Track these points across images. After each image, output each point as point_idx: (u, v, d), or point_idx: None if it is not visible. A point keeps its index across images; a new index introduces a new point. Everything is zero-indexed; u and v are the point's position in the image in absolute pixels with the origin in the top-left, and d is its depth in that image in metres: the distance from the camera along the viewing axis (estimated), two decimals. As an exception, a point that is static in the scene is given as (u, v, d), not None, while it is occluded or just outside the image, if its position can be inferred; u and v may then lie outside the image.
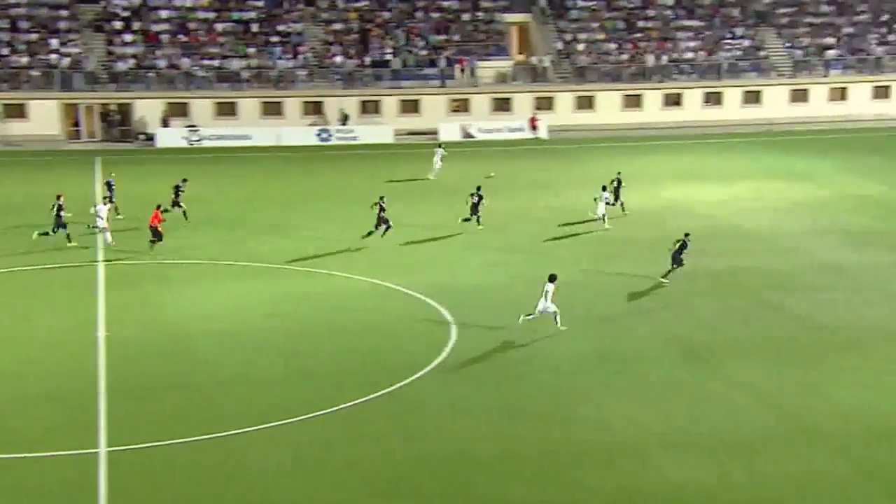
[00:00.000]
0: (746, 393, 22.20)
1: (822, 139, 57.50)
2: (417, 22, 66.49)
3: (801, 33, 68.08)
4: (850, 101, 64.91)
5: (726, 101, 64.32)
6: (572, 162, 50.21)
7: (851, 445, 19.67)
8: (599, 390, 22.52)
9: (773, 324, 26.66)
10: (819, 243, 34.66)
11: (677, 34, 67.41)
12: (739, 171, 48.16)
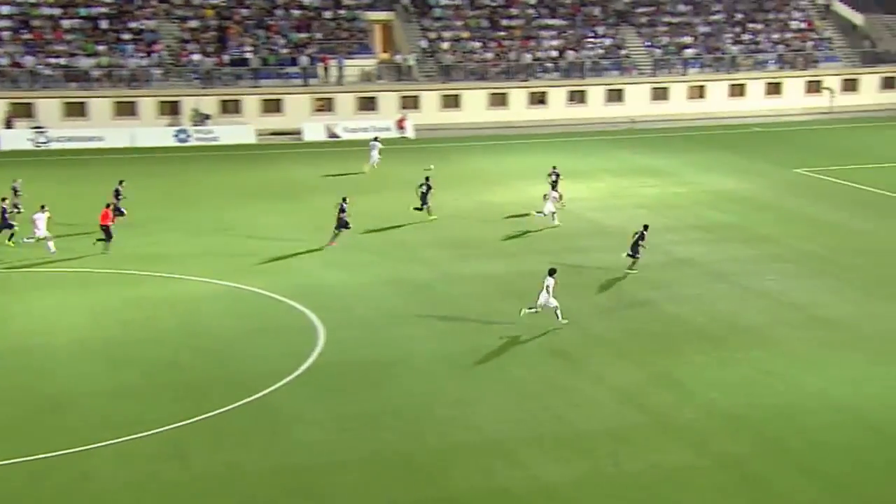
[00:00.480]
0: (612, 388, 22.75)
1: (682, 136, 59.51)
2: (278, 19, 65.73)
3: (660, 32, 70.34)
4: (708, 99, 67.43)
5: (590, 100, 65.90)
6: (440, 161, 50.49)
7: (711, 437, 20.38)
8: (468, 391, 22.70)
9: (636, 319, 27.41)
10: (678, 239, 35.82)
11: (540, 33, 68.67)
12: (602, 168, 49.37)
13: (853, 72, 69.65)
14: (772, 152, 52.67)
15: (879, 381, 22.95)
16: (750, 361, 24.26)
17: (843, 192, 43.06)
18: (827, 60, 70.05)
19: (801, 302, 28.63)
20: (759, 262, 32.87)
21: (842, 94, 68.57)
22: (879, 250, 34.16)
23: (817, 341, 25.58)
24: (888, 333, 26.08)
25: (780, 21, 72.65)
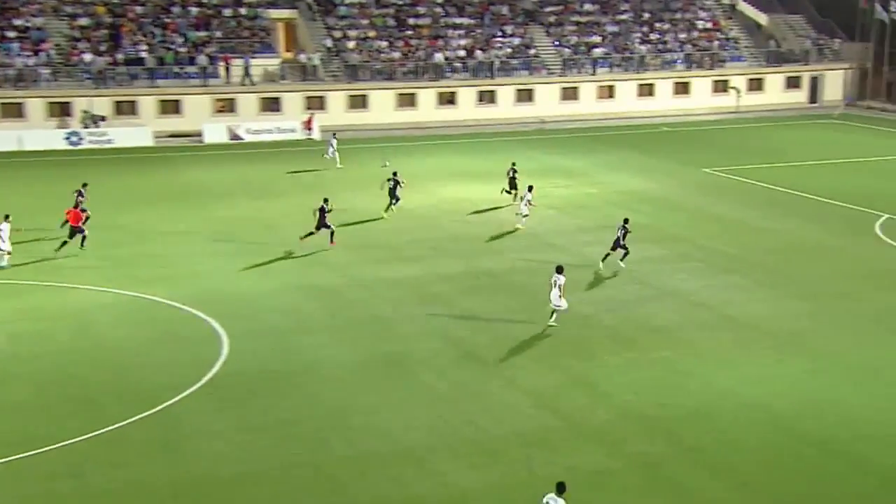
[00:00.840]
0: (525, 392, 22.91)
1: (592, 136, 60.37)
2: (175, 17, 64.63)
3: (568, 32, 71.27)
4: (617, 99, 68.55)
5: (499, 100, 66.40)
6: (347, 163, 50.25)
7: (625, 439, 20.67)
8: (378, 398, 22.61)
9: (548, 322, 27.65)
10: (590, 240, 36.28)
11: (448, 32, 68.95)
12: (505, 169, 49.71)
13: (758, 71, 71.61)
14: (681, 152, 53.79)
15: (788, 379, 23.58)
16: (663, 362, 24.69)
17: (751, 191, 44.21)
18: (733, 60, 71.90)
19: (712, 301, 29.26)
20: (670, 262, 33.48)
21: (748, 94, 70.46)
22: (787, 248, 35.15)
23: (728, 340, 26.17)
24: (797, 331, 26.81)
25: (686, 20, 74.29)
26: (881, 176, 47.67)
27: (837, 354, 25.10)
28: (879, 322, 27.45)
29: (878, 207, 40.13)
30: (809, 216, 39.61)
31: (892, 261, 33.34)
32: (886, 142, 57.16)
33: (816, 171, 48.98)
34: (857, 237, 36.21)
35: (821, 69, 72.78)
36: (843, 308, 28.68)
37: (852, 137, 59.50)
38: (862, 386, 23.07)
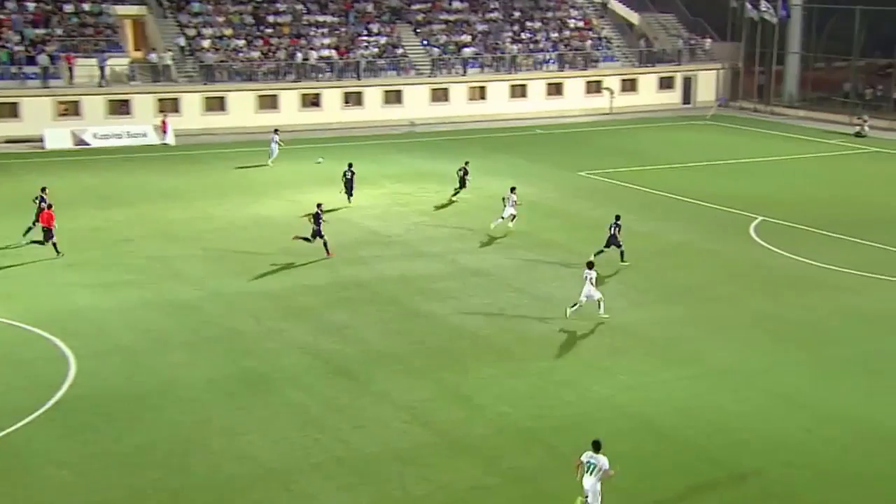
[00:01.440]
0: (397, 407, 22.92)
1: (464, 139, 60.94)
2: (9, 13, 62.43)
3: (437, 31, 71.82)
4: (489, 101, 69.39)
5: (366, 101, 66.40)
6: (204, 169, 49.42)
7: (502, 453, 20.90)
8: (241, 418, 22.28)
9: (421, 333, 27.77)
10: (463, 247, 36.61)
11: (311, 31, 68.61)
12: (382, 173, 49.80)
13: (631, 72, 73.57)
14: (555, 155, 54.77)
15: (665, 386, 24.24)
16: (539, 372, 25.06)
17: (627, 195, 45.33)
18: (606, 60, 73.67)
19: (588, 309, 29.85)
20: (546, 268, 34.02)
21: (621, 95, 72.31)
22: (663, 252, 36.16)
23: (605, 348, 26.75)
24: (674, 337, 27.60)
25: (558, 19, 75.79)
26: (755, 178, 49.53)
27: (714, 360, 25.93)
28: (755, 326, 28.49)
29: (753, 209, 41.68)
30: (685, 219, 40.83)
31: (766, 263, 34.65)
32: (759, 143, 59.46)
33: (691, 174, 50.57)
34: (732, 240, 37.52)
35: (693, 69, 75.25)
36: (720, 312, 29.66)
37: (726, 139, 61.70)
38: (738, 391, 23.88)
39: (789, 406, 23.10)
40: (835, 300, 30.58)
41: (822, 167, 52.53)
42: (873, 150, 56.78)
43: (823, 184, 47.87)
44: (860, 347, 26.74)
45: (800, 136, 62.18)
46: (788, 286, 31.97)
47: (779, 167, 51.89)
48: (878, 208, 42.12)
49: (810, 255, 34.99)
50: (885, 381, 24.51)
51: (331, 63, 66.47)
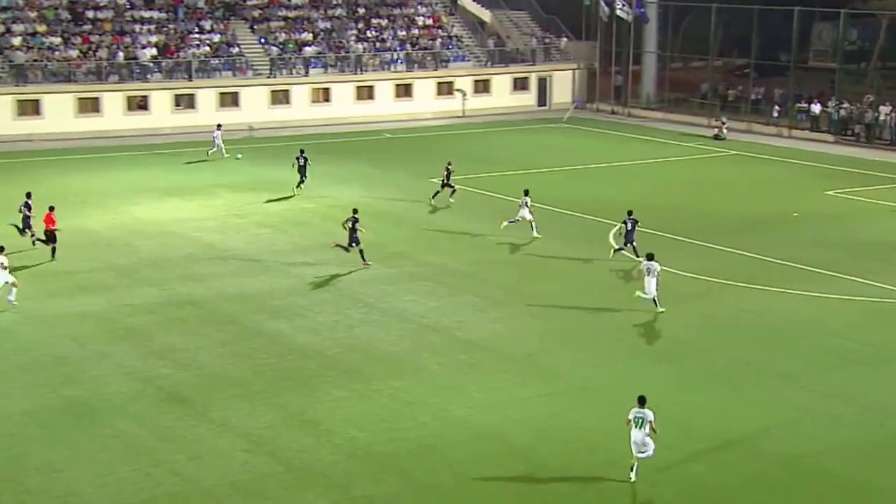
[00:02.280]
0: (238, 435, 22.69)
1: (308, 144, 60.67)
2: None
3: (275, 28, 71.38)
4: (334, 103, 69.29)
5: (200, 104, 65.45)
6: (16, 179, 47.81)
7: (353, 481, 20.90)
8: (62, 452, 21.68)
9: (264, 354, 27.56)
10: (309, 260, 36.46)
11: (135, 27, 67.24)
12: (217, 182, 49.17)
13: (484, 72, 74.63)
14: (405, 160, 55.09)
15: (524, 404, 24.67)
16: (391, 392, 25.17)
17: (481, 202, 45.94)
18: (457, 60, 74.55)
19: (444, 323, 30.15)
20: (397, 281, 34.20)
21: (474, 97, 73.26)
22: (521, 263, 36.80)
23: (461, 365, 27.05)
24: (532, 352, 28.12)
25: (405, 17, 76.34)
26: (613, 182, 50.91)
27: (574, 375, 26.53)
28: (615, 339, 29.27)
29: (612, 216, 42.77)
30: (542, 227, 41.60)
31: (626, 273, 35.61)
32: (618, 146, 61.13)
33: (548, 179, 51.61)
34: (592, 249, 38.44)
35: (549, 70, 76.85)
36: (579, 325, 30.36)
37: (583, 142, 63.22)
38: (599, 408, 24.49)
39: (652, 420, 23.82)
40: (695, 309, 31.67)
41: (682, 171, 54.36)
42: (732, 153, 59.09)
43: (683, 188, 49.53)
44: (721, 358, 27.78)
45: (659, 138, 64.22)
46: (648, 295, 32.96)
47: (637, 171, 53.47)
48: (737, 213, 43.83)
49: (670, 263, 36.10)
50: (747, 392, 25.52)
51: (159, 63, 65.25)
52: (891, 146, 59.58)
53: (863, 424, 23.68)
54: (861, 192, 47.58)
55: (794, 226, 40.68)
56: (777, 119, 66.14)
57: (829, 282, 34.12)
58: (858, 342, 28.64)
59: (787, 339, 29.10)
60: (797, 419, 23.88)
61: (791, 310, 31.60)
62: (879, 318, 30.66)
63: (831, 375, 26.17)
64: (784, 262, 36.33)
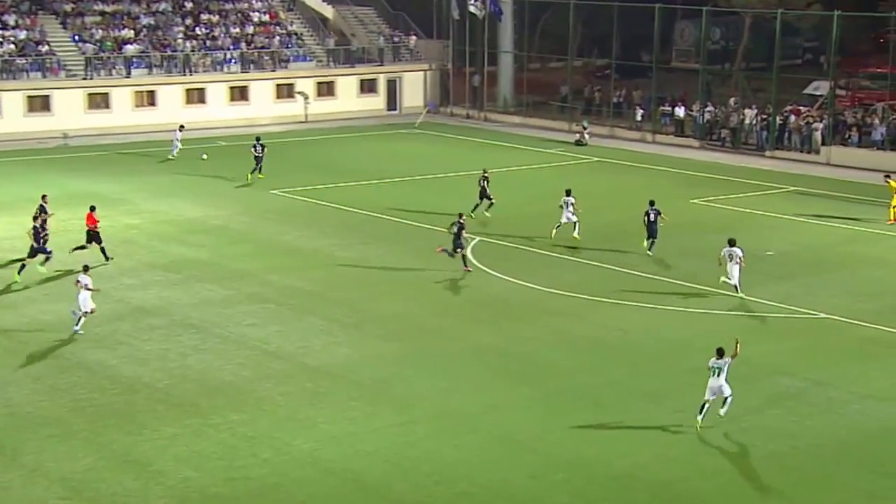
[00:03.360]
0: (54, 480, 22.16)
1: (131, 154, 59.58)
2: None
3: (91, 24, 69.90)
4: (160, 108, 68.21)
5: (4, 110, 63.76)
6: None
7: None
8: None
9: (84, 388, 26.94)
10: (135, 282, 35.82)
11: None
12: (28, 197, 47.80)
13: (328, 73, 74.58)
14: (243, 170, 54.53)
15: (376, 435, 24.63)
16: (229, 427, 24.87)
17: (327, 215, 45.82)
18: (297, 60, 74.29)
19: (287, 349, 29.95)
20: (236, 304, 33.88)
21: (317, 100, 73.09)
22: (371, 281, 36.81)
23: (307, 394, 26.91)
24: (384, 378, 28.14)
25: (238, 12, 75.73)
26: (470, 192, 51.30)
27: (430, 402, 26.64)
28: (474, 361, 29.50)
29: (469, 229, 43.15)
30: (394, 241, 41.76)
31: (486, 289, 36.00)
32: (474, 153, 61.71)
33: (399, 189, 51.82)
34: (447, 264, 38.68)
35: (398, 71, 77.27)
36: (435, 347, 30.52)
37: (437, 149, 63.70)
38: (458, 437, 24.65)
39: (514, 449, 24.07)
40: (558, 327, 32.19)
41: (542, 179, 55.21)
42: (595, 160, 60.34)
43: (543, 198, 50.18)
44: (586, 379, 28.28)
45: (517, 145, 65.15)
46: (509, 314, 33.37)
47: (495, 180, 53.99)
48: (600, 224, 44.70)
49: (531, 279, 36.69)
50: (613, 414, 26.02)
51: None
52: (757, 151, 61.71)
53: (734, 446, 24.39)
54: (728, 199, 49.14)
55: (659, 236, 41.67)
56: (640, 123, 67.83)
57: (697, 295, 35.12)
58: (729, 359, 29.52)
59: (653, 358, 29.82)
60: (665, 442, 24.46)
61: (658, 326, 32.41)
62: (750, 333, 31.63)
63: (699, 395, 26.87)
64: (650, 276, 37.26)
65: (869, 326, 32.19)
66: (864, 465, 23.44)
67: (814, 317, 33.13)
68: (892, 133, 57.54)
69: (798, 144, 60.83)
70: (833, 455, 23.87)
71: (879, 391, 27.35)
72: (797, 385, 27.78)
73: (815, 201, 48.30)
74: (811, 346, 30.76)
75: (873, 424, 25.47)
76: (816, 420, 25.69)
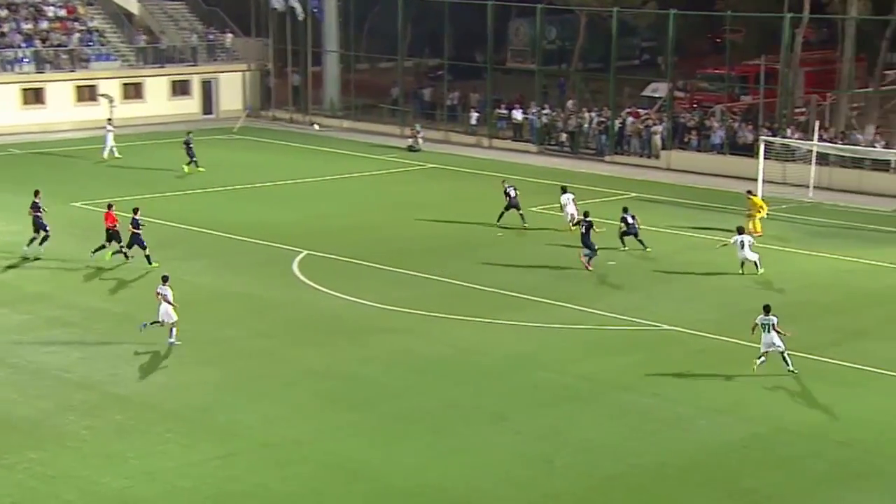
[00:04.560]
0: None
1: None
2: None
3: None
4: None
5: None
6: None
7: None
8: None
9: None
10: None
11: None
12: None
13: (135, 74, 73.26)
14: (39, 181, 52.83)
15: (195, 470, 24.30)
16: (26, 466, 24.27)
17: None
18: (100, 59, 72.72)
19: (94, 378, 29.34)
20: (35, 329, 33.15)
21: (123, 103, 71.54)
22: (188, 300, 36.17)
23: (116, 427, 26.40)
24: (203, 406, 27.83)
25: (31, 6, 73.80)
26: (294, 203, 51.15)
27: (254, 431, 26.40)
28: (302, 385, 29.35)
29: (296, 242, 42.95)
30: (213, 257, 41.27)
31: (315, 307, 35.86)
32: (299, 161, 61.45)
33: (218, 200, 51.27)
34: (272, 281, 38.46)
35: (214, 71, 76.41)
36: (260, 371, 30.28)
37: (258, 156, 63.17)
38: (285, 467, 24.48)
39: (347, 479, 24.03)
40: (392, 346, 32.25)
41: (373, 188, 55.33)
42: (429, 167, 60.72)
43: (376, 208, 50.38)
44: (424, 401, 28.40)
45: (346, 150, 65.15)
46: (340, 333, 33.30)
47: (323, 189, 54.04)
48: (436, 234, 45.05)
49: (364, 294, 36.68)
50: (451, 439, 26.19)
51: None
52: (597, 156, 62.93)
53: (576, 467, 24.81)
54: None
55: (498, 248, 42.22)
56: (476, 127, 68.48)
57: (539, 309, 35.63)
58: (570, 375, 30.02)
59: (495, 376, 30.12)
60: (507, 465, 24.72)
61: (499, 342, 32.76)
62: (592, 347, 32.29)
63: (543, 414, 27.28)
64: (490, 289, 37.63)
65: (712, 337, 33.13)
66: (712, 483, 24.11)
67: (656, 329, 33.94)
68: (730, 137, 59.24)
69: (637, 149, 62.25)
70: (679, 474, 24.46)
71: (724, 405, 28.16)
72: (641, 401, 28.39)
73: (655, 208, 49.51)
74: (654, 359, 31.47)
75: (719, 440, 26.20)
76: (662, 437, 26.29)
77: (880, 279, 39.42)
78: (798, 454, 25.40)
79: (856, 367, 30.64)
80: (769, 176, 51.55)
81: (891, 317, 35.29)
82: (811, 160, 52.92)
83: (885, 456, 25.29)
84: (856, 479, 24.30)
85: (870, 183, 53.15)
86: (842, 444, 25.87)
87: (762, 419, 27.28)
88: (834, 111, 60.44)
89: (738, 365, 30.53)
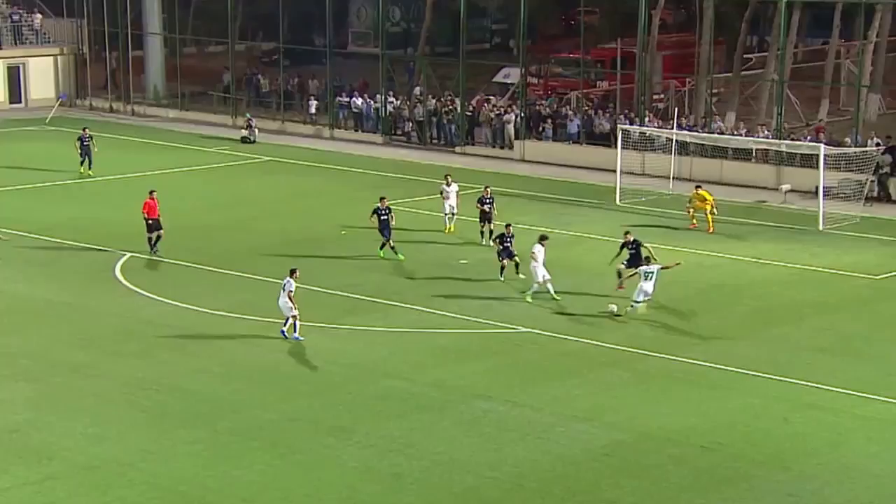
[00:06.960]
0: None
1: None
2: None
3: None
4: None
5: None
6: None
7: None
8: None
9: None
10: None
11: None
12: None
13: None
14: None
15: (5, 498, 23.81)
16: None
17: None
18: None
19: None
20: None
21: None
22: (10, 310, 35.58)
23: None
24: (14, 427, 27.32)
25: None
26: (112, 201, 50.31)
27: (75, 452, 25.95)
28: (129, 401, 28.92)
29: (118, 244, 42.25)
30: (24, 262, 40.40)
31: (140, 315, 35.36)
32: (123, 154, 60.41)
33: (27, 198, 50.29)
34: (92, 287, 37.85)
35: (21, 56, 74.81)
36: (77, 387, 29.82)
37: (75, 150, 61.85)
38: (109, 491, 24.15)
39: (178, 502, 23.75)
40: (227, 356, 32.02)
41: (203, 184, 54.77)
42: (265, 160, 60.31)
43: (207, 206, 49.88)
44: (262, 415, 28.19)
45: (174, 143, 64.43)
46: (168, 343, 32.91)
47: (150, 186, 53.08)
48: (274, 233, 44.76)
49: (194, 300, 36.28)
50: (293, 455, 26.04)
51: None
52: (447, 147, 63.13)
53: (428, 482, 24.90)
54: (416, 202, 50.06)
55: (342, 247, 42.14)
56: (315, 116, 68.20)
57: (387, 313, 35.69)
58: (420, 384, 30.13)
59: (339, 386, 30.08)
60: (354, 482, 24.71)
61: (343, 350, 32.72)
62: (444, 352, 32.44)
63: (391, 426, 27.32)
64: (332, 292, 37.53)
65: (570, 339, 33.57)
66: (572, 495, 24.40)
67: (513, 331, 34.25)
68: (587, 126, 59.76)
69: (490, 139, 62.58)
70: (538, 486, 24.71)
71: (583, 411, 28.52)
72: (496, 409, 28.60)
73: (510, 202, 49.79)
74: (510, 364, 31.76)
75: (579, 448, 26.53)
76: (518, 447, 26.52)
77: (744, 274, 40.33)
78: (661, 461, 25.86)
79: (719, 367, 31.32)
80: (628, 167, 52.27)
81: (755, 314, 36.14)
82: (671, 150, 53.75)
83: (750, 461, 25.89)
84: (721, 485, 24.86)
85: (731, 173, 54.09)
86: (706, 450, 26.40)
87: (624, 425, 27.73)
88: (694, 97, 61.55)
89: (599, 368, 30.99)
